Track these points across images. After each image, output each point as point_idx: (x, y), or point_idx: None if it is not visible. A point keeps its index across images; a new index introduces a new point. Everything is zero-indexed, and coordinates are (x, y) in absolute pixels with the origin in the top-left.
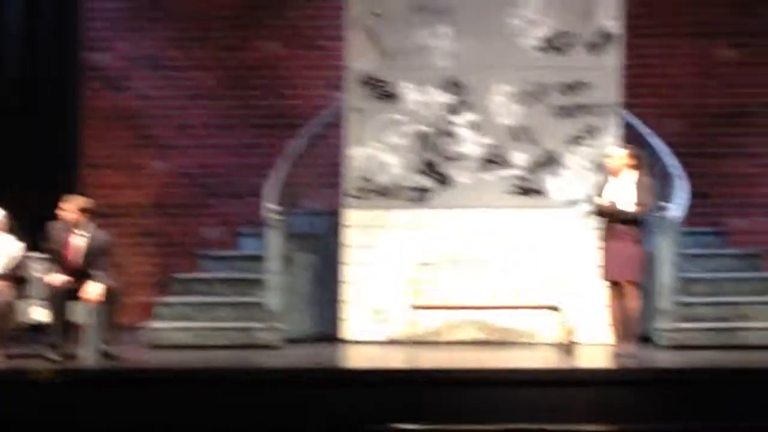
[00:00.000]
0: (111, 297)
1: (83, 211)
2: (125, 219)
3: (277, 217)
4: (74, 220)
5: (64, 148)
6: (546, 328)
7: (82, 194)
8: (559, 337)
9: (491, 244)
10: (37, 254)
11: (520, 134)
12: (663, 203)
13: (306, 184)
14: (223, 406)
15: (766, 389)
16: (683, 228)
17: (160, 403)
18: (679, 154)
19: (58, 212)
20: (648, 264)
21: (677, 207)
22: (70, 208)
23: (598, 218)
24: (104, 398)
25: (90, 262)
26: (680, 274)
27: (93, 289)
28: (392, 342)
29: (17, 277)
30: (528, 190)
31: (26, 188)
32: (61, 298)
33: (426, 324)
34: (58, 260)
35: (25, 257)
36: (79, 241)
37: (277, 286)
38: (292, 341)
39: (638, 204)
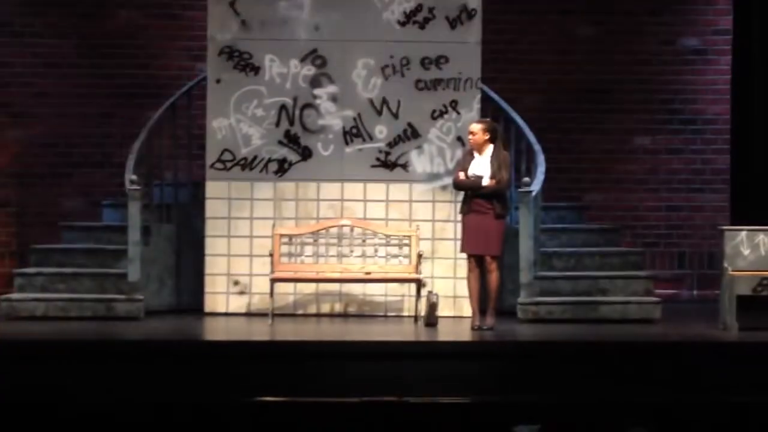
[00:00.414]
0: None
1: None
2: None
3: (139, 188)
4: None
5: None
6: (406, 301)
7: None
8: (419, 309)
9: (352, 216)
10: None
11: (382, 108)
12: (523, 178)
13: (168, 155)
14: (82, 378)
15: (622, 362)
16: (543, 203)
17: (17, 376)
18: (538, 130)
19: None
20: (508, 238)
21: (537, 181)
22: None
23: (459, 192)
24: None
25: None
26: (540, 249)
27: None
28: (253, 314)
29: None
30: (389, 164)
31: None
32: None
33: (286, 296)
34: None
35: None
36: None
37: (138, 258)
38: (153, 313)
39: (495, 178)
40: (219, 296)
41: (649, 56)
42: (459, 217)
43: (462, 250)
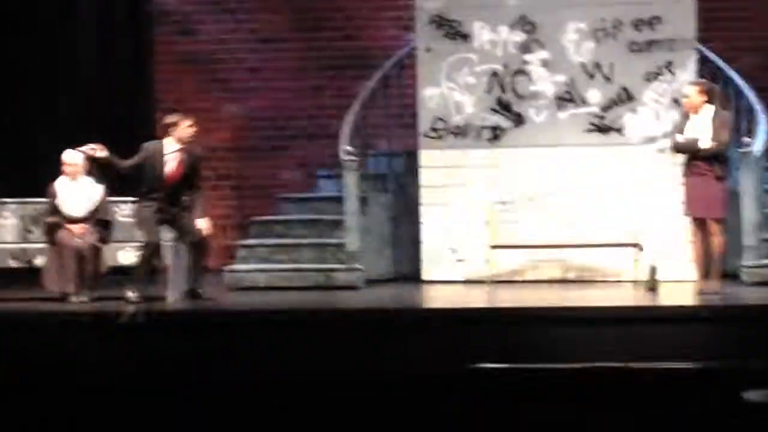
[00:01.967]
0: (202, 241)
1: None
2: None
3: (354, 158)
4: (185, 138)
5: (138, 93)
6: (628, 266)
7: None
8: (641, 274)
9: (569, 182)
10: (119, 198)
11: (595, 71)
12: (745, 138)
13: (381, 125)
14: (304, 347)
15: None
16: (765, 163)
17: (241, 344)
18: (759, 89)
19: (161, 130)
20: (731, 200)
21: (758, 141)
22: (179, 124)
23: (679, 155)
24: (187, 340)
25: (187, 179)
26: (764, 210)
27: (203, 224)
28: (470, 282)
29: (100, 221)
30: (604, 128)
31: (102, 134)
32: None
33: (504, 263)
34: (158, 179)
35: (106, 200)
36: (177, 158)
37: (356, 227)
38: (371, 282)
39: (716, 140)
40: (436, 264)
41: None
42: (677, 179)
43: (685, 213)
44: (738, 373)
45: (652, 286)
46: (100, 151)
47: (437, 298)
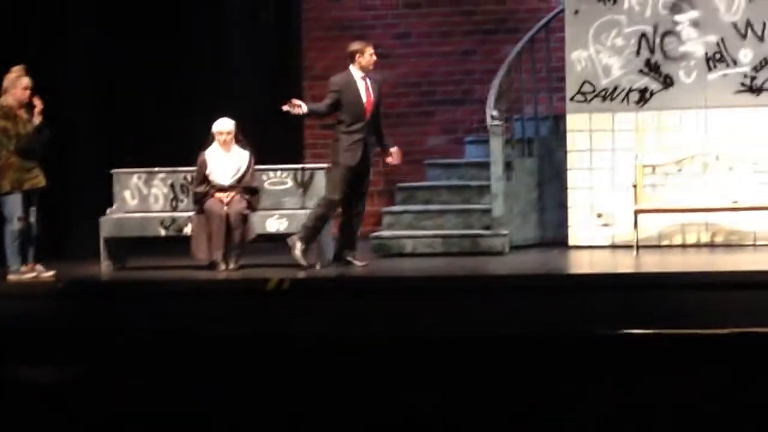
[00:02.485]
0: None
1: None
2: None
3: (500, 123)
4: (368, 65)
5: (288, 59)
6: None
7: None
8: None
9: (719, 144)
10: (268, 166)
11: (747, 31)
12: None
13: (528, 89)
14: (452, 313)
15: None
16: None
17: (389, 311)
18: None
19: (372, 58)
20: None
21: None
22: (365, 51)
23: None
24: (335, 306)
25: (378, 109)
26: None
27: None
28: (617, 246)
29: (248, 188)
30: (756, 89)
31: (253, 101)
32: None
33: (651, 228)
34: (357, 111)
35: (255, 168)
36: (366, 85)
37: (502, 193)
38: (517, 247)
39: None
40: (582, 229)
41: None
42: None
43: None
44: None
45: None
46: (298, 108)
47: (582, 263)
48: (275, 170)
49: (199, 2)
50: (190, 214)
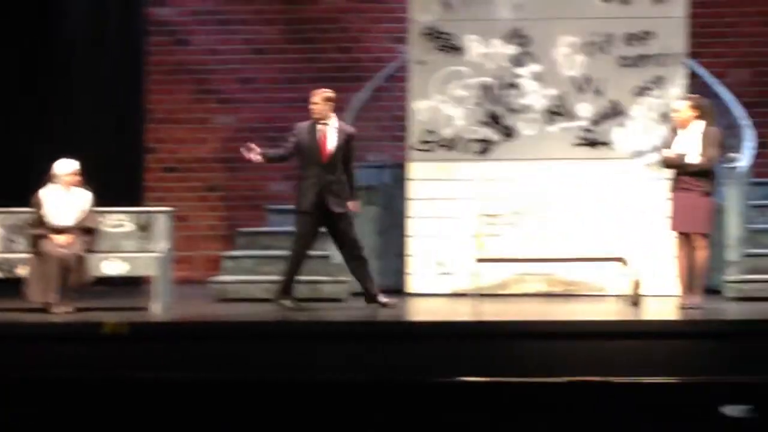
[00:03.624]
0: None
1: (329, 100)
2: (190, 173)
3: None
4: (323, 113)
5: (129, 102)
6: (613, 281)
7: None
8: (626, 289)
9: (557, 196)
10: (107, 208)
11: (585, 85)
12: (731, 154)
13: (370, 137)
14: (290, 358)
15: None
16: (751, 179)
17: (224, 356)
18: (746, 105)
19: (311, 107)
20: (716, 215)
21: (745, 158)
22: (319, 100)
23: (666, 170)
24: (172, 352)
25: (341, 155)
26: (748, 226)
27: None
28: (456, 295)
29: (86, 230)
30: (593, 142)
31: (96, 142)
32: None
33: (490, 277)
34: (312, 155)
35: (94, 210)
36: (330, 133)
37: None
38: (358, 294)
39: (704, 155)
40: (423, 277)
41: None
42: (664, 194)
43: (671, 228)
44: (718, 388)
45: (635, 300)
46: (255, 153)
47: (422, 310)
48: (115, 212)
49: (43, 39)
50: (26, 255)
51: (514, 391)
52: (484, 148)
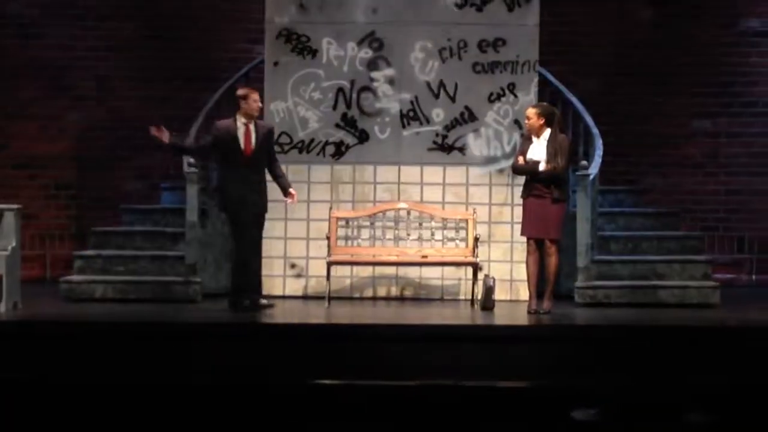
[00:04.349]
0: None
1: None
2: (42, 171)
3: (196, 170)
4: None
5: None
6: (463, 285)
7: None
8: (476, 293)
9: (409, 200)
10: None
11: (439, 91)
12: (581, 161)
13: None
14: (139, 360)
15: (680, 347)
16: (601, 186)
17: (74, 356)
18: (597, 113)
19: (252, 105)
20: (567, 222)
21: (594, 165)
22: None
23: (517, 176)
24: (19, 351)
25: (264, 153)
26: (597, 232)
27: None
28: (310, 297)
29: None
30: (446, 147)
31: None
32: None
33: (343, 279)
34: (234, 155)
35: None
36: (254, 130)
37: (196, 240)
38: (211, 295)
39: (552, 163)
40: (276, 279)
41: (709, 39)
42: (516, 200)
43: (522, 234)
44: (566, 392)
45: (486, 304)
46: (163, 134)
47: (274, 312)
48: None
49: None
50: None
51: (366, 393)
52: (339, 150)
